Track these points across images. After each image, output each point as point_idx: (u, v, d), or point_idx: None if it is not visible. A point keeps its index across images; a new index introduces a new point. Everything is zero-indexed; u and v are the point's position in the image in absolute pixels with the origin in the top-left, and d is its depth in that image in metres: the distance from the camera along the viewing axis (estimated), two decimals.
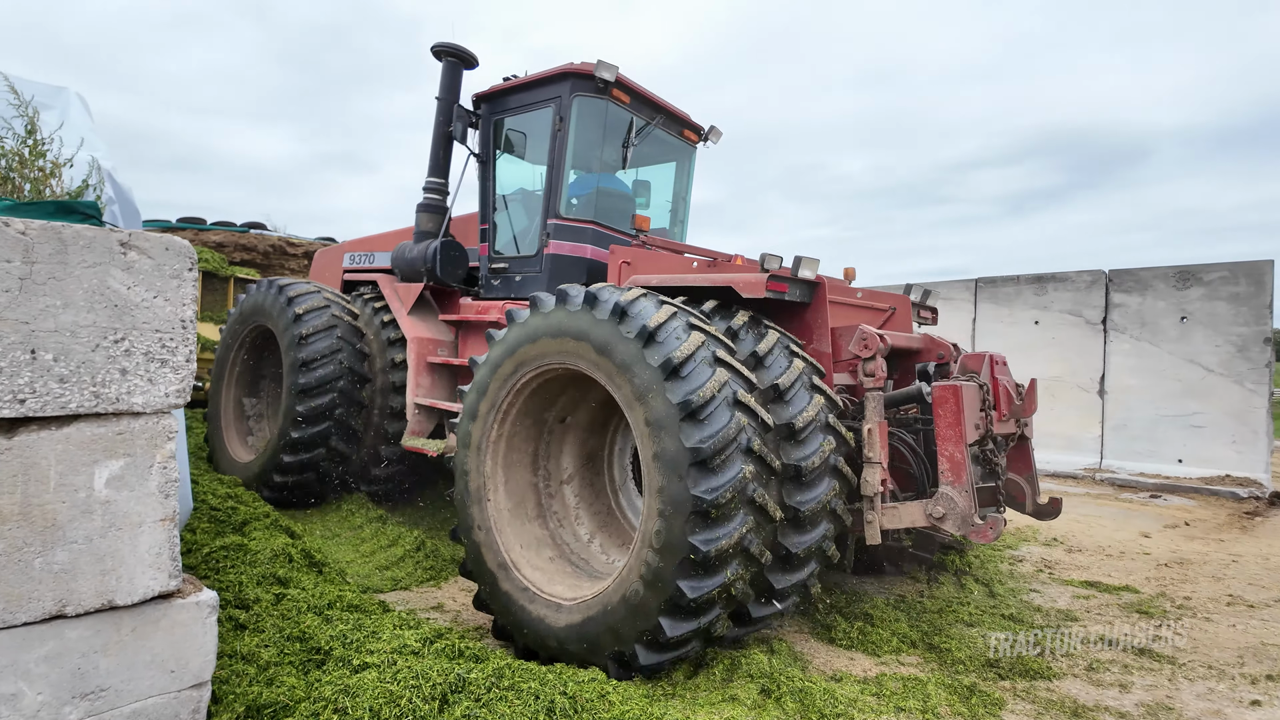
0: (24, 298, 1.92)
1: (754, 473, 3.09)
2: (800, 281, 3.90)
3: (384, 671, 2.50)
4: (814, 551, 3.35)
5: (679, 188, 6.46)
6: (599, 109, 5.44)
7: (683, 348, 3.13)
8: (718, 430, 3.01)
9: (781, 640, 3.56)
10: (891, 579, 4.81)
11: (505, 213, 5.94)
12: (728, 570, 3.00)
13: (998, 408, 3.91)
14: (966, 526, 3.31)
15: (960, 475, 3.41)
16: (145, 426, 2.11)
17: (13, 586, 1.91)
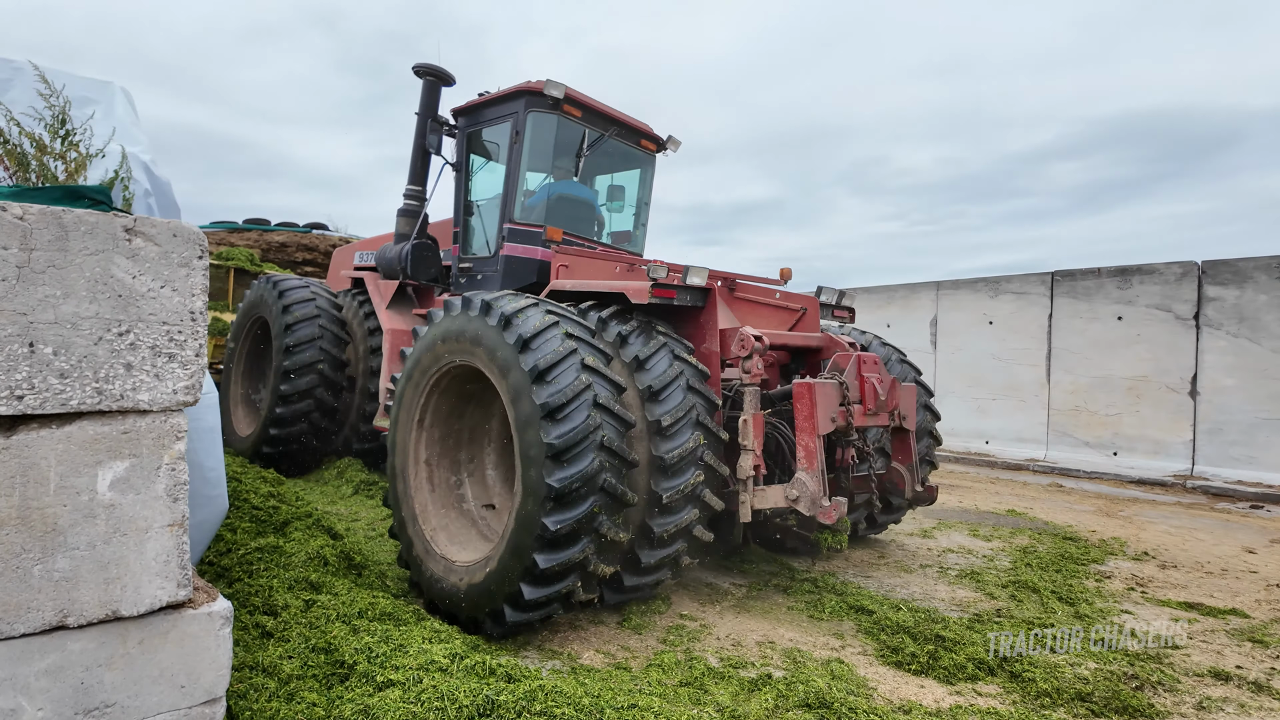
0: (22, 287, 1.79)
1: (607, 464, 3.51)
2: (690, 288, 4.29)
3: (408, 690, 2.33)
4: (679, 532, 3.82)
5: (641, 194, 6.94)
6: (551, 123, 6.01)
7: (550, 354, 3.58)
8: (573, 427, 3.45)
9: (843, 662, 3.27)
10: (973, 597, 4.45)
11: (475, 217, 6.55)
12: (577, 547, 3.44)
13: (863, 403, 4.23)
14: (816, 507, 3.69)
15: (812, 462, 3.79)
16: (152, 425, 1.98)
17: (10, 595, 1.79)
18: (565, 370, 3.60)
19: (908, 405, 4.54)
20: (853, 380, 4.25)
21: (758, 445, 3.93)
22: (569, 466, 3.42)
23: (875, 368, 4.41)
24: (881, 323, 13.86)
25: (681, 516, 3.81)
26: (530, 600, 3.40)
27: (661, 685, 2.90)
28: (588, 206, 6.52)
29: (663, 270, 4.21)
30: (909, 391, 4.56)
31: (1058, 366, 11.27)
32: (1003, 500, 8.38)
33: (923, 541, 6.02)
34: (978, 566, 5.22)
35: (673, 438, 3.80)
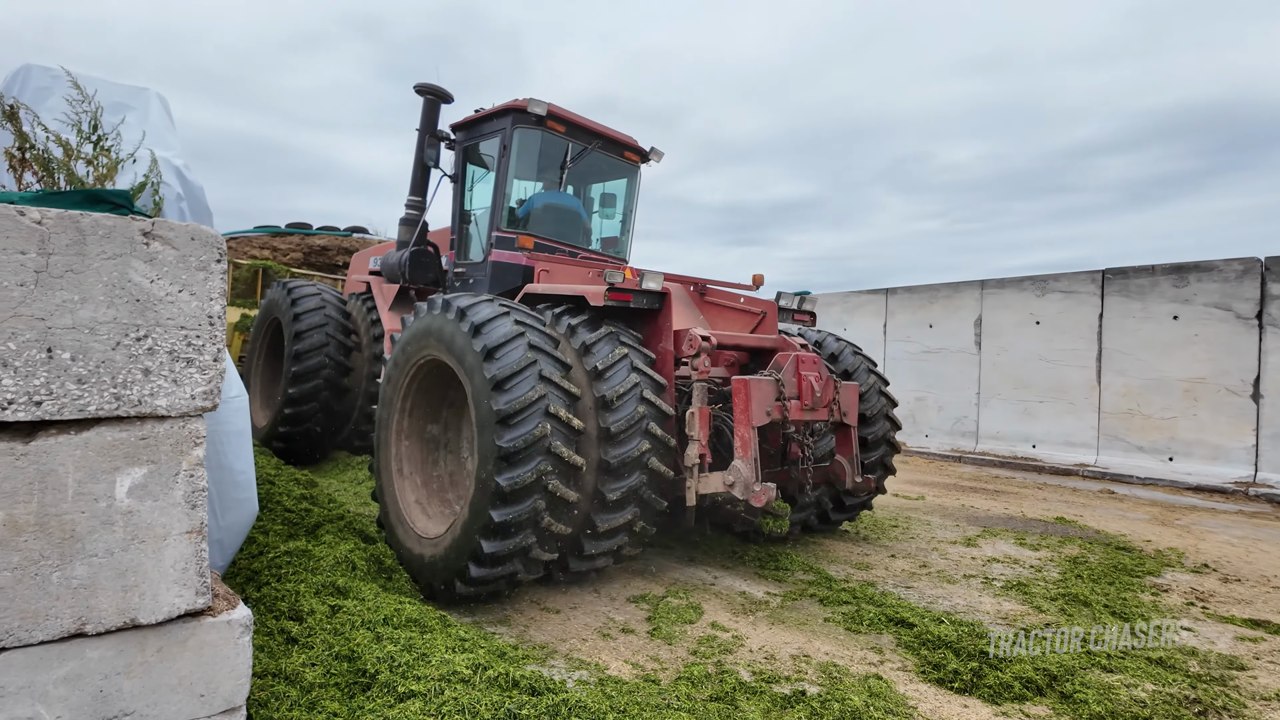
0: (40, 292, 1.78)
1: (551, 467, 3.84)
2: (646, 292, 4.67)
3: (429, 702, 2.27)
4: (620, 527, 4.22)
5: (626, 203, 7.37)
6: (535, 138, 6.47)
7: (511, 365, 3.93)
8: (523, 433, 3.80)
9: (882, 679, 3.13)
10: (1020, 610, 4.27)
11: (470, 225, 7.02)
12: (519, 537, 3.80)
13: (800, 398, 4.56)
14: (748, 492, 4.05)
15: (746, 451, 4.18)
16: (170, 431, 1.95)
17: (29, 602, 1.77)
18: (523, 380, 3.95)
19: (848, 402, 4.90)
20: (790, 377, 4.60)
21: (703, 436, 4.29)
22: (516, 468, 3.78)
23: (814, 367, 4.76)
24: (923, 323, 13.54)
25: (623, 514, 4.21)
26: (476, 577, 3.83)
27: (691, 700, 2.81)
28: (573, 215, 6.92)
29: (619, 275, 4.60)
30: (849, 390, 4.94)
31: (1109, 368, 10.87)
32: (1051, 507, 8.08)
33: (966, 550, 5.82)
34: (1025, 577, 5.01)
35: (621, 444, 4.17)
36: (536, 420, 3.85)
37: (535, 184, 6.87)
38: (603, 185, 7.41)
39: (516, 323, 4.19)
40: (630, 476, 4.19)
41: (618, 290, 4.55)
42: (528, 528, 3.85)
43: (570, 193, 7.10)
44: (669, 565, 4.88)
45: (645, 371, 4.41)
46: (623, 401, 4.22)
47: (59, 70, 3.33)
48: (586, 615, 3.84)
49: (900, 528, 6.59)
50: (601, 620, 3.78)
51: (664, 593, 4.24)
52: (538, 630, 3.60)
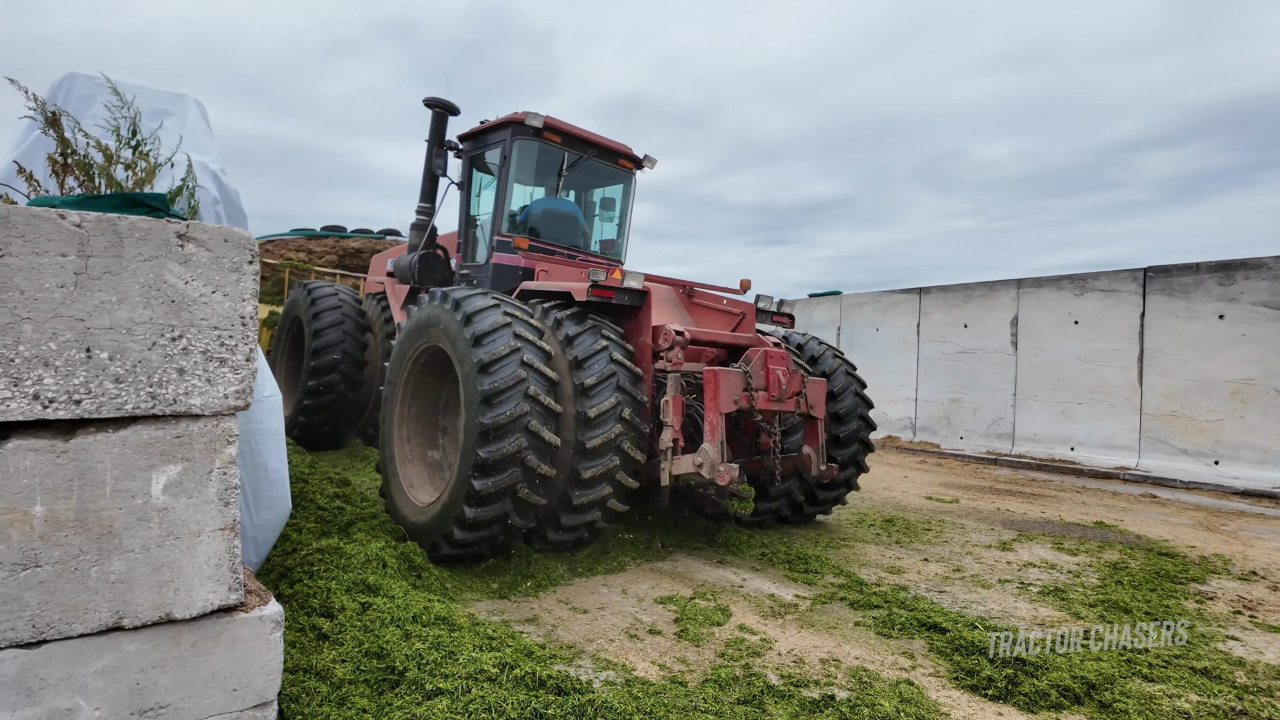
0: (79, 293, 1.83)
1: (528, 443, 4.30)
2: (627, 290, 5.14)
3: (456, 700, 2.29)
4: (594, 503, 4.65)
5: (622, 207, 7.78)
6: (533, 148, 6.89)
7: (496, 351, 4.39)
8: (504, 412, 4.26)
9: (913, 684, 3.08)
10: (1058, 616, 4.17)
11: (475, 230, 7.45)
12: (497, 506, 4.25)
13: (767, 390, 4.95)
14: (714, 472, 4.45)
15: (714, 435, 4.59)
16: (204, 430, 1.99)
17: (69, 596, 1.82)
18: (507, 364, 4.41)
19: (815, 396, 5.27)
20: (757, 370, 4.98)
21: (676, 422, 4.70)
22: (497, 442, 4.24)
23: (782, 362, 5.13)
24: (958, 323, 13.32)
25: (597, 491, 4.63)
26: (459, 539, 4.31)
27: (718, 703, 2.78)
28: (571, 219, 7.35)
29: (602, 274, 5.08)
30: (817, 385, 5.30)
31: (1151, 369, 10.58)
32: (1090, 511, 7.89)
33: (1001, 554, 5.70)
34: (1062, 583, 4.89)
35: (596, 427, 4.62)
36: (516, 401, 4.32)
37: (538, 190, 7.32)
38: (600, 191, 7.87)
39: (504, 314, 4.66)
40: (604, 457, 4.64)
41: (600, 287, 5.03)
42: (506, 497, 4.31)
43: (569, 198, 7.57)
44: (697, 567, 4.85)
45: (622, 362, 4.87)
46: (599, 388, 4.69)
47: (101, 78, 3.42)
48: (614, 616, 3.84)
49: (934, 531, 6.48)
50: (629, 621, 3.77)
51: (692, 594, 4.22)
52: (565, 630, 3.60)
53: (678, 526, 5.68)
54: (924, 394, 13.81)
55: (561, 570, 4.52)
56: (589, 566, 4.65)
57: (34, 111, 2.66)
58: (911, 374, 14.09)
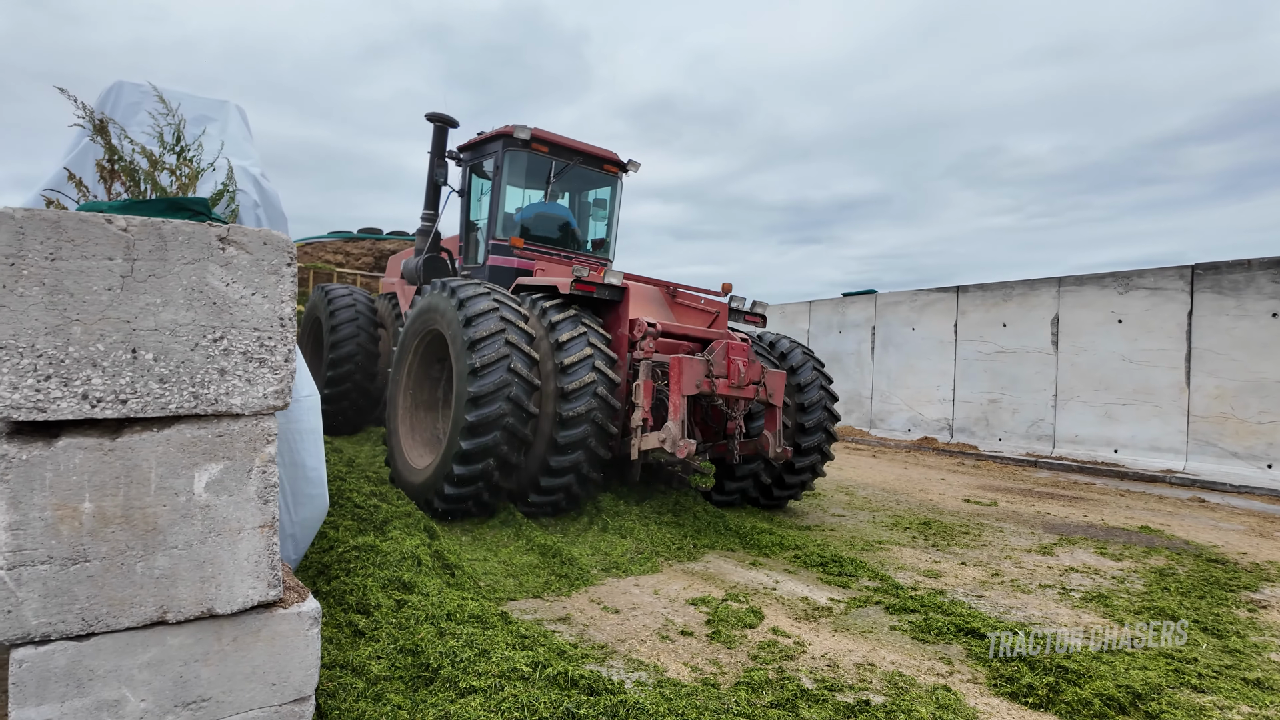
0: (125, 295, 1.88)
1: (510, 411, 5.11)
2: (607, 285, 5.88)
3: (489, 698, 2.30)
4: (569, 468, 5.39)
5: (610, 209, 8.44)
6: (523, 159, 7.62)
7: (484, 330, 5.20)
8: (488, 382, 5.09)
9: (951, 691, 3.02)
10: (1101, 623, 4.06)
11: (474, 234, 8.21)
12: (481, 465, 5.09)
13: (728, 377, 5.60)
14: (675, 446, 5.12)
15: (676, 414, 5.26)
16: (244, 429, 2.03)
17: (116, 590, 1.87)
18: (492, 343, 5.20)
19: (774, 386, 5.88)
20: (719, 360, 5.60)
21: (646, 403, 5.45)
22: (482, 409, 5.04)
23: (742, 353, 5.74)
24: (996, 322, 13.06)
25: (572, 458, 5.36)
26: (449, 495, 5.14)
27: (750, 705, 2.76)
28: (561, 222, 8.10)
29: (585, 271, 5.84)
30: (775, 376, 5.91)
31: (1200, 369, 10.27)
32: (1134, 515, 7.68)
33: (1041, 559, 5.57)
34: (1106, 589, 4.77)
35: (572, 401, 5.33)
36: (500, 374, 5.11)
37: (533, 195, 8.06)
38: (590, 193, 8.53)
39: (493, 301, 5.48)
40: (578, 429, 5.36)
41: (583, 282, 5.79)
42: (489, 457, 5.12)
43: (560, 202, 8.30)
44: (729, 569, 4.83)
45: (599, 347, 5.59)
46: (577, 368, 5.41)
47: (147, 86, 3.51)
48: (646, 617, 3.83)
49: (971, 534, 6.36)
50: (661, 622, 3.76)
51: (724, 596, 4.19)
52: (597, 630, 3.60)
53: (709, 528, 5.66)
54: (961, 394, 13.58)
55: (594, 570, 4.53)
56: (622, 567, 4.65)
57: (83, 119, 2.74)
58: (949, 374, 13.86)
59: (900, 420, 14.77)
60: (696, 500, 6.12)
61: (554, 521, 5.59)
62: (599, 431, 5.45)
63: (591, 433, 5.39)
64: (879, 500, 8.00)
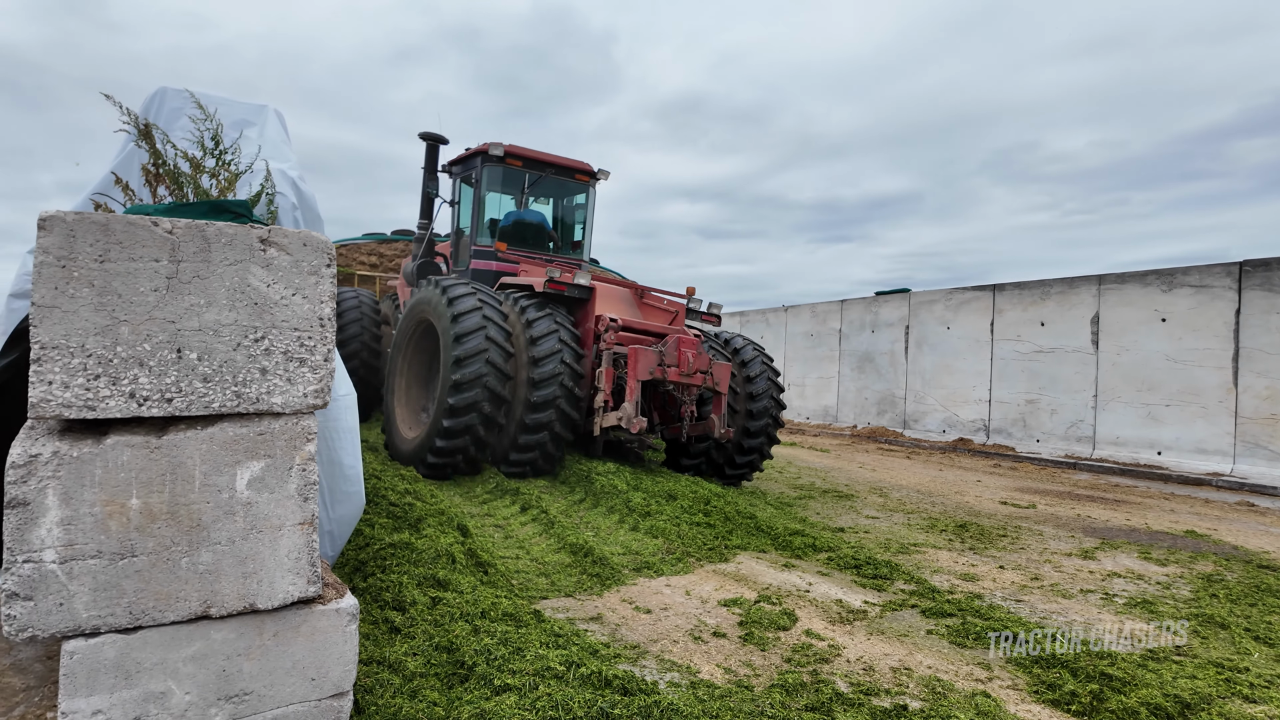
0: (171, 296, 1.92)
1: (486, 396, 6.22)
2: (577, 285, 6.94)
3: (524, 697, 2.31)
4: (535, 444, 6.46)
5: (584, 215, 9.40)
6: (499, 172, 8.69)
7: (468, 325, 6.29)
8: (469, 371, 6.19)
9: (990, 696, 2.96)
10: (1146, 630, 3.96)
11: (462, 240, 9.18)
12: (460, 440, 6.25)
13: (678, 366, 6.61)
14: (629, 423, 6.23)
15: (631, 396, 6.36)
16: (285, 427, 2.06)
17: (162, 585, 1.91)
18: (475, 336, 6.26)
19: (720, 375, 6.91)
20: (671, 351, 6.64)
21: (607, 387, 6.57)
22: (462, 392, 6.15)
23: (692, 346, 6.74)
24: (1034, 321, 12.81)
25: (538, 436, 6.48)
26: (432, 462, 6.35)
27: (785, 709, 2.73)
28: (539, 227, 9.05)
29: (557, 271, 6.95)
30: (722, 367, 6.94)
31: (1248, 369, 9.95)
32: (1179, 519, 7.47)
33: (1083, 563, 5.44)
34: (1151, 594, 4.64)
35: (541, 388, 6.40)
36: (479, 365, 6.16)
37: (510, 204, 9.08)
38: (566, 200, 9.48)
39: (478, 300, 6.51)
40: (545, 411, 6.41)
41: (555, 282, 6.85)
42: (467, 433, 6.26)
43: (537, 209, 9.30)
44: (761, 570, 4.79)
45: (567, 342, 6.61)
46: (546, 360, 6.43)
47: (189, 92, 3.59)
48: (677, 617, 3.82)
49: (1009, 537, 6.24)
50: (693, 623, 3.75)
51: (756, 598, 4.16)
52: (629, 630, 3.60)
53: (741, 529, 5.63)
54: (998, 395, 13.34)
55: (626, 570, 4.53)
56: (653, 567, 4.64)
57: (127, 125, 2.81)
58: (985, 374, 13.62)
59: (935, 421, 14.55)
60: (728, 501, 6.09)
61: (585, 520, 5.60)
62: (562, 415, 6.52)
63: (555, 416, 6.47)
64: (914, 502, 7.89)
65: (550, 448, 6.57)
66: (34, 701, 2.60)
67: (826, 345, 17.47)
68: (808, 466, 10.43)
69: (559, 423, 6.50)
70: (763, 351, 8.19)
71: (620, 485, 6.07)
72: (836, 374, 17.11)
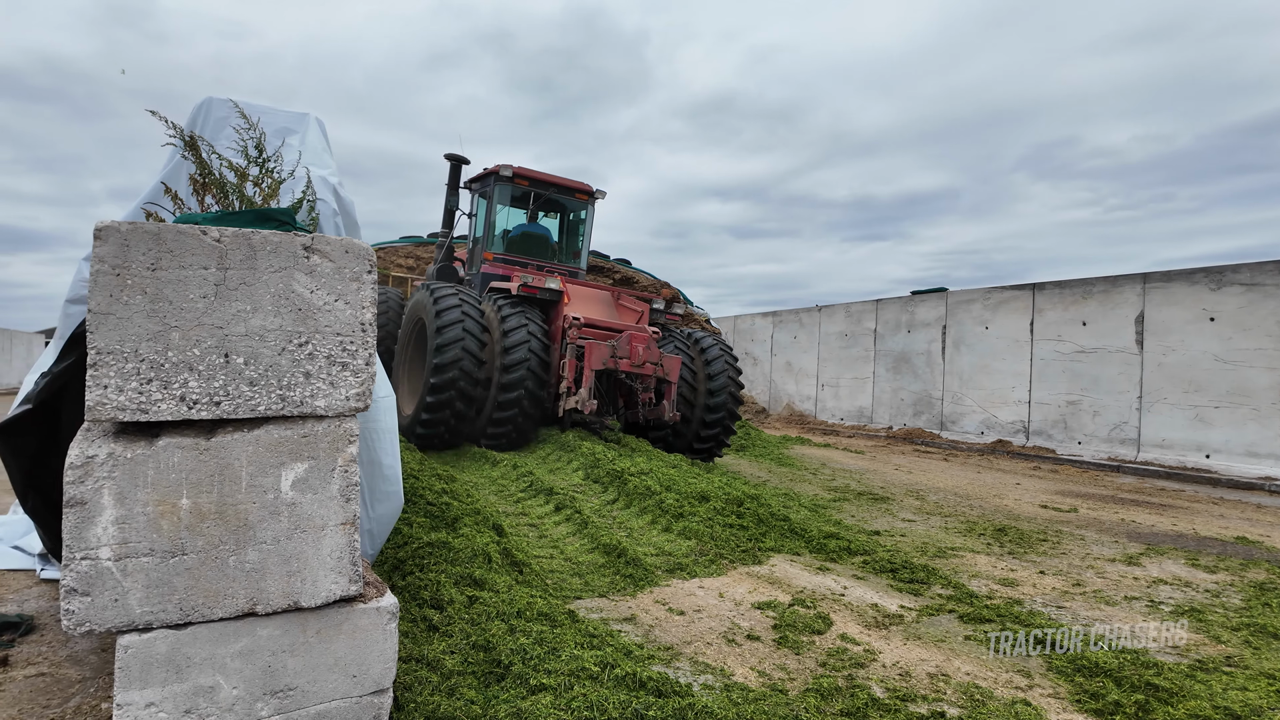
0: (219, 303, 1.98)
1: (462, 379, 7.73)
2: (547, 289, 8.40)
3: (559, 696, 2.33)
4: (507, 420, 7.94)
5: (584, 228, 10.86)
6: (508, 190, 10.08)
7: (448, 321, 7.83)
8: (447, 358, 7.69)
9: (1030, 705, 2.91)
10: (1195, 639, 3.85)
11: (476, 248, 10.51)
12: (442, 414, 7.77)
13: (630, 358, 7.89)
14: (584, 405, 7.61)
15: (586, 383, 7.69)
16: (328, 430, 2.11)
17: (210, 582, 1.97)
18: (453, 329, 7.75)
19: (670, 366, 8.18)
20: (624, 344, 7.90)
21: (570, 375, 7.91)
22: (442, 374, 7.64)
23: (643, 340, 8.00)
24: (1075, 320, 12.52)
25: (507, 415, 7.91)
26: (420, 434, 7.87)
27: (820, 713, 2.72)
28: (543, 239, 10.58)
29: (529, 277, 8.50)
30: (672, 359, 8.23)
31: None
32: (1229, 525, 7.25)
33: (1127, 569, 5.31)
34: (1199, 602, 4.51)
35: (509, 373, 7.83)
36: (456, 351, 7.67)
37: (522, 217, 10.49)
38: (566, 216, 10.88)
39: (459, 299, 8.01)
40: (514, 393, 7.82)
41: (528, 286, 8.36)
42: (447, 409, 7.75)
43: (546, 223, 10.76)
44: (795, 573, 4.77)
45: (535, 335, 8.01)
46: (514, 350, 7.85)
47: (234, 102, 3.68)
48: (711, 620, 3.82)
49: (1049, 542, 6.11)
50: (726, 625, 3.74)
51: (790, 601, 4.14)
52: (662, 631, 3.61)
53: (774, 530, 5.60)
54: (1038, 396, 13.06)
55: (658, 571, 4.54)
56: (686, 569, 4.64)
57: (174, 137, 2.90)
58: (1024, 375, 13.35)
59: (973, 422, 14.30)
60: (761, 503, 6.07)
61: (618, 520, 5.62)
62: (530, 396, 7.95)
63: (524, 397, 7.87)
64: (950, 505, 7.77)
65: (521, 424, 8.02)
66: (89, 693, 2.70)
67: (861, 345, 17.28)
68: (842, 468, 10.33)
69: (527, 403, 7.93)
70: (729, 351, 9.52)
71: (653, 486, 6.08)
72: (871, 374, 16.91)
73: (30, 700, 2.60)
